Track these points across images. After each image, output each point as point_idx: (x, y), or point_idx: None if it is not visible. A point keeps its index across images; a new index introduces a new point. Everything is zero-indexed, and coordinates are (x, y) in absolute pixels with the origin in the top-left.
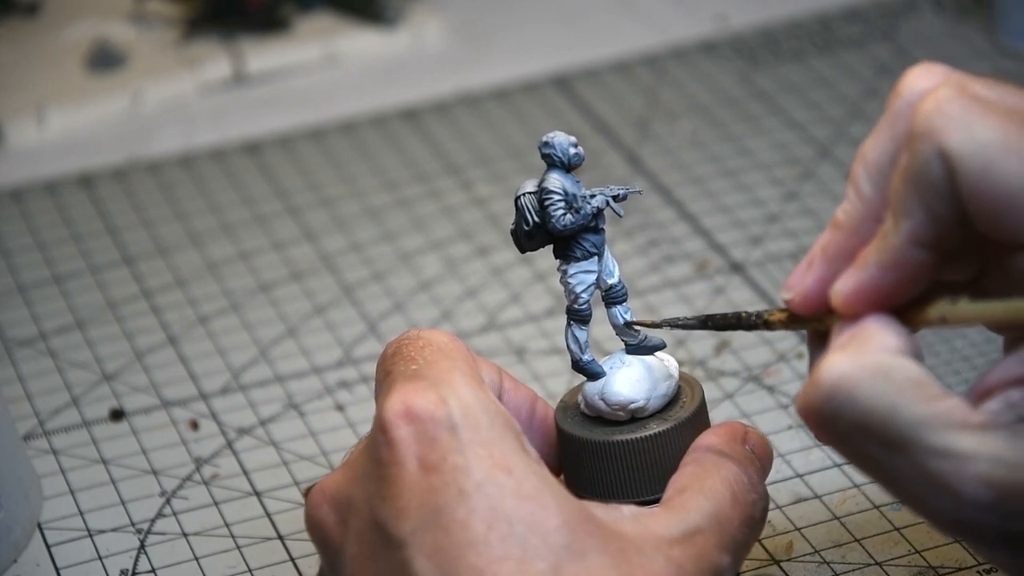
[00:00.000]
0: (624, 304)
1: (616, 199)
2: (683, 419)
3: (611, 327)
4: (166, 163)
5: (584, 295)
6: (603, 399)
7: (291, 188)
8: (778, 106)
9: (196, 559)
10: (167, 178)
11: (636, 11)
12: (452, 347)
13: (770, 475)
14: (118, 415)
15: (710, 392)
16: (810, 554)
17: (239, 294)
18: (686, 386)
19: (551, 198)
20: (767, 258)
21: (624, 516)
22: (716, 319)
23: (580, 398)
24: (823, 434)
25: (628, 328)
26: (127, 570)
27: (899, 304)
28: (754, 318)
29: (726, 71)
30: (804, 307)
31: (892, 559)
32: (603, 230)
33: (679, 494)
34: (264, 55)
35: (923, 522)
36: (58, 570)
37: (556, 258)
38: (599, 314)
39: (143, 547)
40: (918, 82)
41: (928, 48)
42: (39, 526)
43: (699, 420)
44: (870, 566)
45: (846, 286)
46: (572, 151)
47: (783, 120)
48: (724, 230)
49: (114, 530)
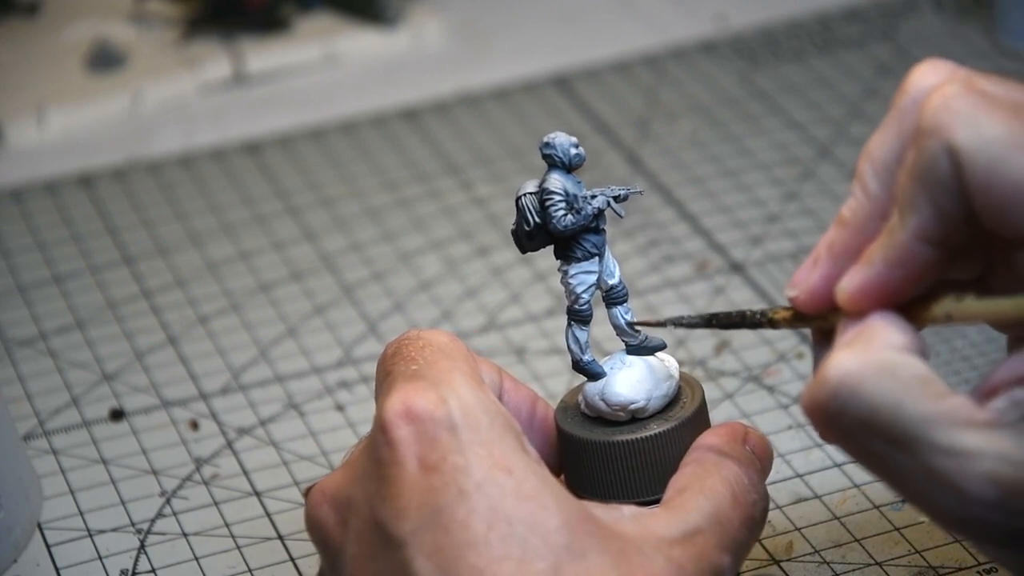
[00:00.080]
0: (625, 304)
1: (617, 199)
2: (683, 419)
3: (611, 327)
4: (166, 163)
5: (585, 295)
6: (603, 399)
7: (291, 188)
8: (778, 106)
9: (196, 559)
10: (167, 178)
11: (636, 11)
12: (452, 347)
13: (770, 475)
14: (118, 415)
15: (710, 392)
16: (810, 554)
17: (239, 294)
18: (686, 386)
19: (552, 199)
20: (767, 258)
21: (624, 516)
22: (720, 317)
23: (580, 398)
24: (828, 431)
25: (630, 328)
26: (127, 570)
27: (905, 301)
28: (759, 316)
29: (726, 71)
30: (809, 304)
31: (892, 559)
32: (604, 230)
33: (679, 494)
34: (264, 55)
35: (923, 522)
36: (58, 570)
37: (557, 258)
38: (599, 314)
39: (143, 547)
40: (924, 79)
41: (928, 48)
42: (39, 526)
43: (699, 420)
44: (870, 566)
45: (852, 283)
46: (573, 151)
47: (783, 120)
48: (724, 230)
49: (114, 530)
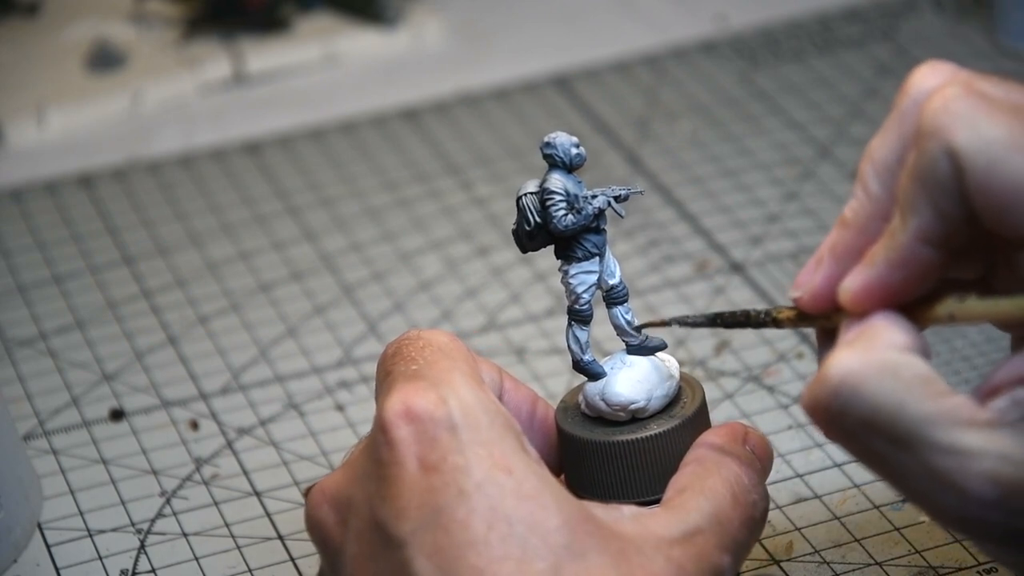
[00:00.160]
0: (625, 304)
1: (618, 199)
2: (684, 419)
3: (612, 327)
4: (166, 163)
5: (585, 295)
6: (604, 399)
7: (291, 188)
8: (778, 106)
9: (196, 559)
10: (167, 178)
11: (636, 11)
12: (452, 347)
13: (770, 475)
14: (118, 415)
15: (710, 392)
16: (810, 554)
17: (239, 294)
18: (687, 386)
19: (552, 198)
20: (767, 258)
21: (624, 516)
22: (725, 317)
23: (581, 398)
24: (829, 430)
25: (630, 328)
26: (127, 570)
27: (907, 302)
28: (763, 316)
29: (726, 71)
30: (813, 305)
31: (892, 559)
32: (604, 230)
33: (679, 494)
34: (264, 55)
35: (923, 522)
36: (58, 570)
37: (557, 258)
38: (600, 314)
39: (143, 547)
40: (925, 80)
41: (928, 48)
42: (39, 526)
43: (700, 420)
44: (870, 566)
45: (854, 283)
46: (574, 151)
47: (783, 120)
48: (724, 230)
49: (114, 530)
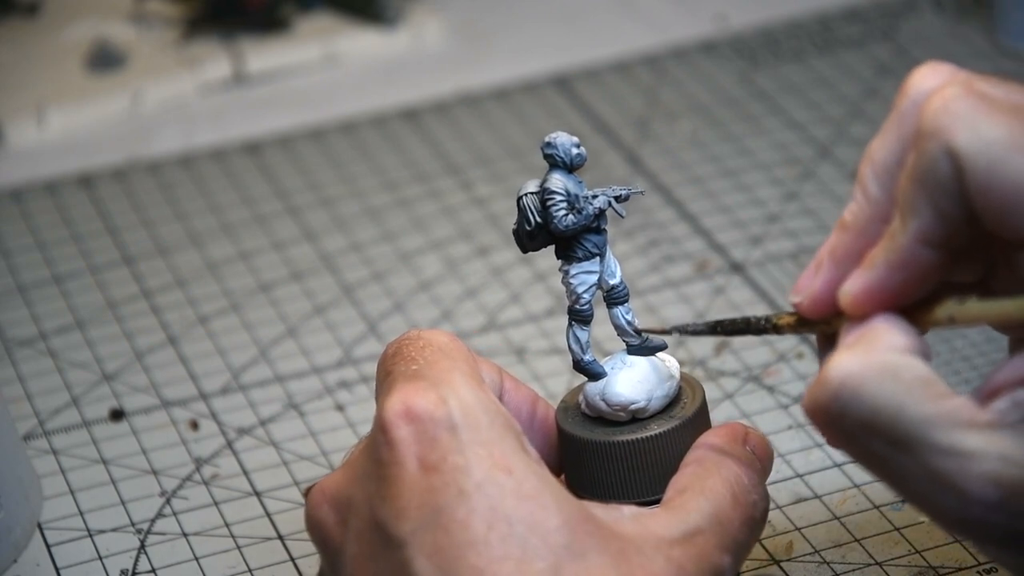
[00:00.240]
0: (626, 305)
1: (618, 199)
2: (684, 420)
3: (612, 327)
4: (166, 163)
5: (586, 295)
6: (604, 399)
7: (291, 188)
8: (778, 106)
9: (196, 559)
10: (167, 178)
11: (636, 11)
12: (452, 347)
13: (770, 475)
14: (118, 415)
15: (710, 392)
16: (810, 554)
17: (239, 294)
18: (687, 387)
19: (553, 198)
20: (767, 258)
21: (624, 516)
22: (725, 324)
23: (581, 398)
24: (829, 432)
25: (631, 328)
26: (127, 570)
27: (907, 304)
28: (763, 322)
29: (726, 71)
30: (813, 310)
31: (892, 559)
32: (605, 231)
33: (679, 495)
34: (264, 55)
35: (923, 522)
36: (58, 570)
37: (558, 258)
38: (600, 314)
39: (143, 547)
40: (924, 81)
41: (928, 48)
42: (39, 526)
43: (700, 421)
44: (870, 566)
45: (854, 287)
46: (574, 151)
47: (783, 120)
48: (724, 230)
49: (114, 530)
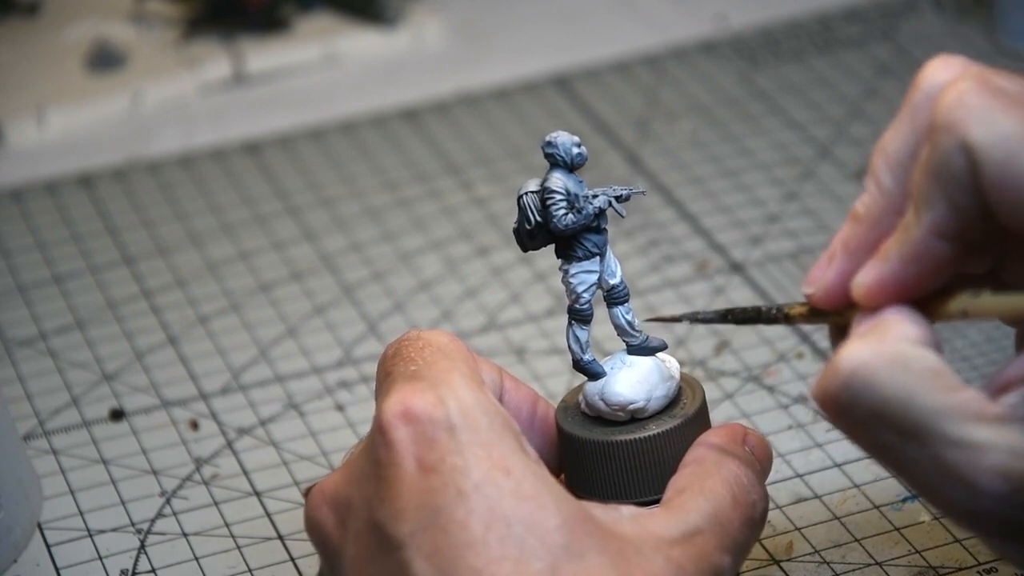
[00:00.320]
0: (626, 305)
1: (619, 199)
2: (684, 420)
3: (612, 327)
4: (166, 163)
5: (585, 295)
6: (603, 399)
7: (291, 188)
8: (778, 106)
9: (196, 559)
10: (167, 178)
11: (636, 11)
12: (452, 347)
13: (770, 475)
14: (118, 415)
15: (710, 392)
16: (810, 554)
17: (239, 294)
18: (687, 387)
19: (553, 198)
20: (767, 258)
21: (623, 517)
22: (736, 313)
23: (581, 398)
24: (838, 421)
25: (631, 328)
26: (127, 570)
27: (920, 297)
28: (774, 312)
29: (726, 71)
30: (826, 301)
31: (892, 559)
32: (605, 230)
33: (679, 495)
34: (264, 55)
35: (923, 522)
36: (58, 570)
37: (558, 257)
38: (601, 314)
39: (143, 547)
40: (937, 74)
41: (928, 48)
42: (39, 526)
43: (700, 421)
44: (870, 566)
45: (867, 278)
46: (575, 151)
47: (783, 120)
48: (724, 230)
49: (114, 530)
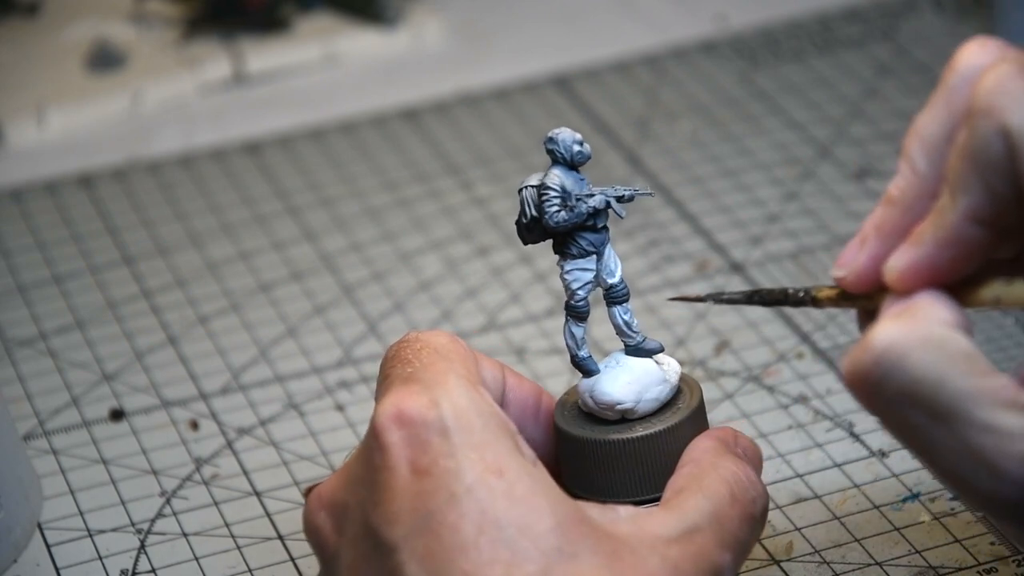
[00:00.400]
0: (624, 304)
1: (620, 200)
2: (680, 420)
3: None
4: (166, 163)
5: (580, 292)
6: (592, 397)
7: (291, 188)
8: (778, 106)
9: (196, 559)
10: (167, 178)
11: (636, 11)
12: (450, 348)
13: (770, 475)
14: (118, 415)
15: (710, 392)
16: (810, 554)
17: (239, 294)
18: (685, 387)
19: (547, 194)
20: (767, 258)
21: (620, 517)
22: (763, 293)
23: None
24: (867, 399)
25: (628, 328)
26: (127, 570)
27: (952, 282)
28: (801, 294)
29: (726, 71)
30: (857, 284)
31: (892, 559)
32: (605, 229)
33: (677, 495)
34: (264, 55)
35: (923, 522)
36: (58, 570)
37: (555, 253)
38: (601, 314)
39: (143, 547)
40: (974, 57)
41: (928, 48)
42: (39, 526)
43: (696, 421)
44: (870, 566)
45: (900, 262)
46: (576, 148)
47: (783, 120)
48: (724, 230)
49: (114, 530)
